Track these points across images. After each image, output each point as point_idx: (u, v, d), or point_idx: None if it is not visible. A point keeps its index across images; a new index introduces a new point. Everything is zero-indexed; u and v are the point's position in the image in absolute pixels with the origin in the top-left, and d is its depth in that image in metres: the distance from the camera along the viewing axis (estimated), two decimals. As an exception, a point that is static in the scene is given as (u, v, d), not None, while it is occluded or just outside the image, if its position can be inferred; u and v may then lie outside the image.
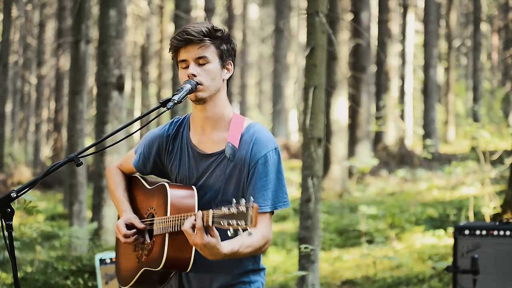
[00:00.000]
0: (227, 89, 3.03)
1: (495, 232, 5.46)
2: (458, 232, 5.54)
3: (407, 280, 7.81)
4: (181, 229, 2.77)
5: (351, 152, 16.18)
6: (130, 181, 3.26)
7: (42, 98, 31.04)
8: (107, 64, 8.52)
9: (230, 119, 3.00)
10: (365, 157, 15.47)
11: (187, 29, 2.92)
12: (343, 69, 14.63)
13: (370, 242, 9.45)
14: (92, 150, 2.90)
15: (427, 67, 20.26)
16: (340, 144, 14.51)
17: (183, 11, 12.73)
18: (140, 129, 3.05)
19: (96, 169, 9.05)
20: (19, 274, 6.72)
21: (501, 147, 13.11)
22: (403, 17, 23.39)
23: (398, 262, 8.39)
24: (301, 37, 31.42)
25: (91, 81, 21.64)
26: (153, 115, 3.08)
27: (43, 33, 27.18)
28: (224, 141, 2.97)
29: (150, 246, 2.97)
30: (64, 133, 20.44)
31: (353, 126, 16.37)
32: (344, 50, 14.67)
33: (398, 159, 18.53)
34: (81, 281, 6.70)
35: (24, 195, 4.10)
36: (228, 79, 3.01)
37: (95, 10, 18.40)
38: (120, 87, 8.56)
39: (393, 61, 22.69)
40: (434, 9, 20.58)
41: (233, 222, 2.53)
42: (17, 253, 5.40)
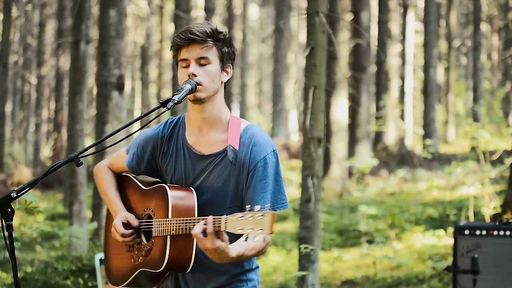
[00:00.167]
0: (225, 91, 3.04)
1: (495, 232, 5.46)
2: (458, 232, 5.54)
3: (407, 280, 7.80)
4: (184, 233, 2.78)
5: (351, 152, 16.18)
6: (120, 180, 3.24)
7: (42, 98, 31.02)
8: (107, 64, 8.52)
9: (228, 120, 3.00)
10: (365, 157, 15.48)
11: (191, 28, 2.92)
12: (343, 69, 14.63)
13: (370, 242, 9.45)
14: (92, 150, 2.90)
15: (427, 67, 20.25)
16: (340, 144, 14.50)
17: (183, 11, 12.73)
18: (140, 129, 3.05)
19: (96, 169, 9.03)
20: (19, 274, 6.71)
21: (501, 147, 13.11)
22: (403, 17, 23.39)
23: (398, 262, 8.39)
24: (301, 37, 31.41)
25: (91, 81, 21.63)
26: (153, 115, 3.08)
27: (43, 33, 27.16)
28: (221, 142, 2.97)
29: (149, 247, 2.95)
30: (64, 133, 20.44)
31: (353, 126, 16.38)
32: (344, 50, 14.67)
33: (398, 159, 18.53)
34: (81, 281, 6.70)
35: (25, 195, 4.10)
36: (225, 82, 3.02)
37: (95, 10, 18.39)
38: (120, 87, 8.55)
39: (393, 61, 22.69)
40: (434, 9, 20.57)
41: (248, 228, 2.54)
42: (17, 253, 5.40)
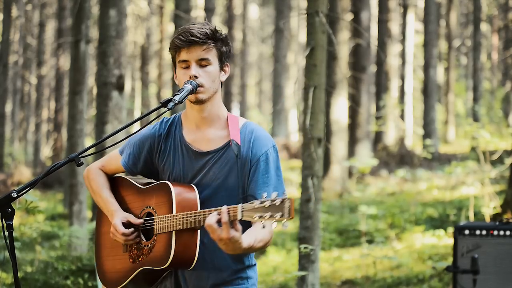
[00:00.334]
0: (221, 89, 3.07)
1: (495, 232, 5.46)
2: (458, 232, 5.54)
3: (407, 280, 7.80)
4: (192, 226, 2.79)
5: (351, 152, 16.18)
6: (113, 182, 3.21)
7: (42, 98, 31.01)
8: (107, 64, 8.52)
9: (226, 118, 3.02)
10: (365, 157, 15.48)
11: (191, 30, 2.91)
12: (343, 69, 14.63)
13: (370, 242, 9.45)
14: (92, 150, 2.90)
15: (427, 67, 20.26)
16: (340, 144, 14.51)
17: (183, 11, 12.73)
18: (140, 130, 3.05)
19: (96, 169, 9.03)
20: (19, 274, 6.70)
21: (501, 147, 13.10)
22: (403, 17, 23.38)
23: (398, 262, 8.39)
24: (301, 37, 31.39)
25: (91, 81, 21.60)
26: (154, 115, 3.08)
27: (43, 33, 27.15)
28: (221, 138, 2.99)
29: (151, 245, 2.95)
30: (64, 133, 20.44)
31: (353, 126, 16.38)
32: (344, 50, 14.67)
33: (398, 159, 18.53)
34: (81, 281, 6.71)
35: (25, 195, 4.10)
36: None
37: (95, 10, 18.38)
38: (120, 87, 8.55)
39: (393, 61, 22.70)
40: (434, 9, 20.58)
41: (266, 214, 2.56)
42: (17, 253, 5.40)
